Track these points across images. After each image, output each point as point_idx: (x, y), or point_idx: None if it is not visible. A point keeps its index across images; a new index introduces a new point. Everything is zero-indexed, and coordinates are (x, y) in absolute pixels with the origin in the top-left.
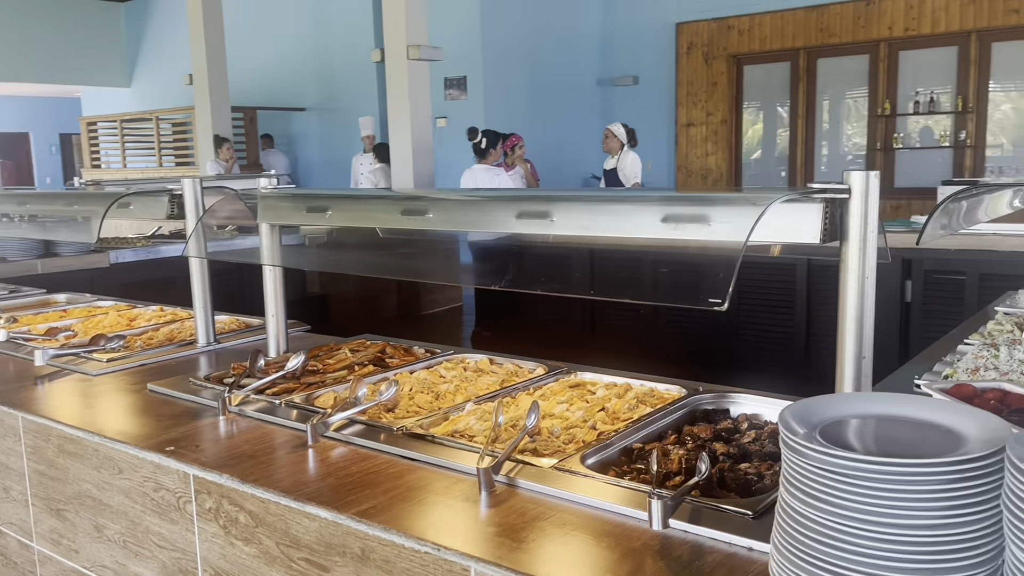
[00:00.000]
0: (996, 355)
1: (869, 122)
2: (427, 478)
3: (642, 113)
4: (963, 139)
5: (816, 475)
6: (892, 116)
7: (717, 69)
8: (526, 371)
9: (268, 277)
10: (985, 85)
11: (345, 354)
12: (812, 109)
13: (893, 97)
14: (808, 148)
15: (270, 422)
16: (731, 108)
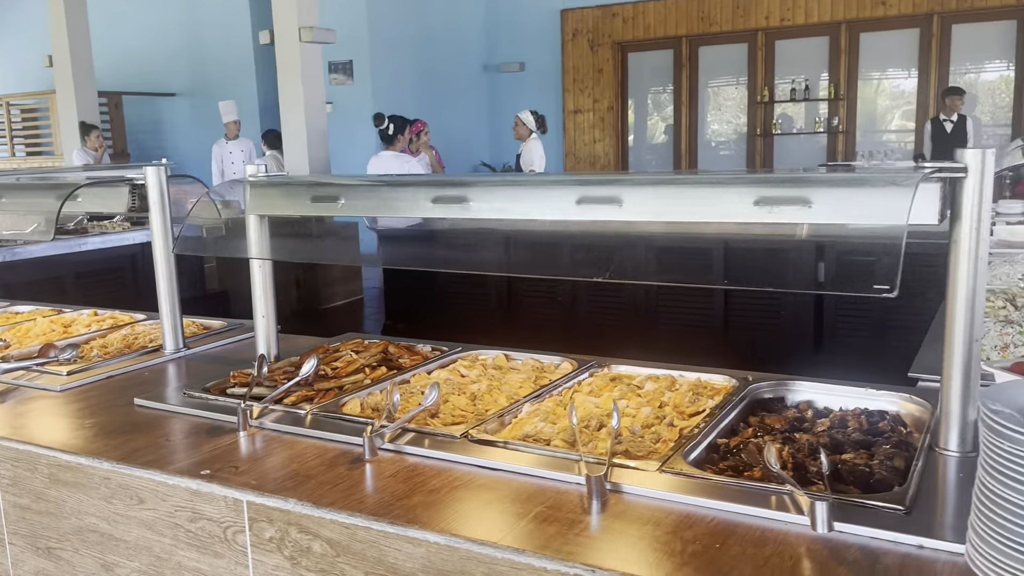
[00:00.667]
0: (1021, 331)
1: (749, 108)
2: (523, 490)
3: (530, 100)
4: (836, 125)
5: None
6: (771, 103)
7: (602, 56)
8: (552, 366)
9: (257, 274)
10: (855, 73)
11: (350, 355)
12: (695, 96)
13: (771, 85)
14: (692, 134)
15: (305, 435)
16: (617, 95)
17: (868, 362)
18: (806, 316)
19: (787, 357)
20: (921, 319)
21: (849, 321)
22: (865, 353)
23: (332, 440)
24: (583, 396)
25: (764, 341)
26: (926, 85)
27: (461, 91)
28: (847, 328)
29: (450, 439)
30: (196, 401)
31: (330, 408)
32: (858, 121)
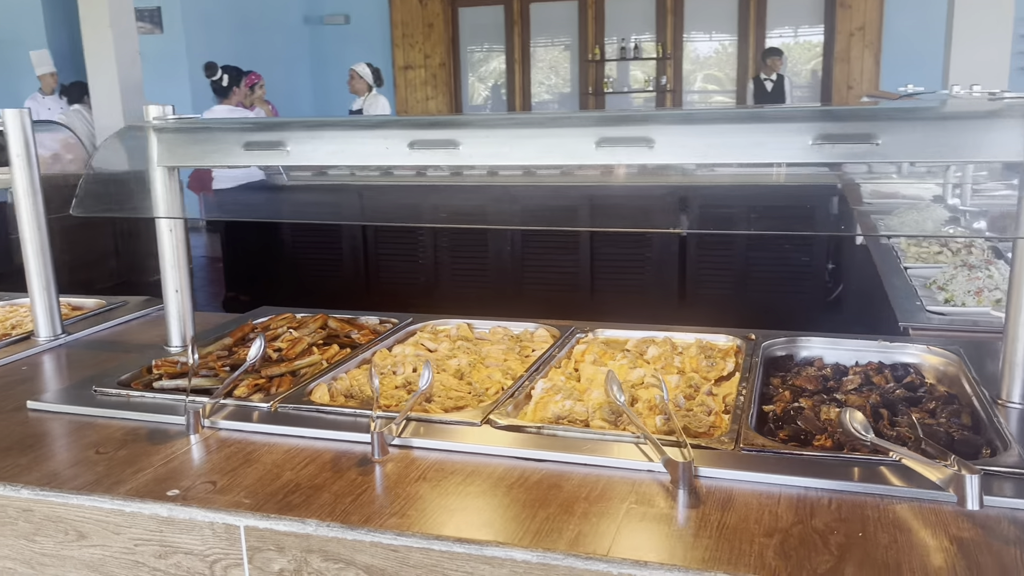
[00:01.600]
0: (990, 275)
1: (580, 67)
2: (590, 484)
3: (356, 54)
4: (664, 84)
5: None
6: (601, 61)
7: (432, 10)
8: (527, 333)
9: (166, 240)
10: (680, 33)
11: (291, 333)
12: (527, 54)
13: (602, 44)
14: (525, 92)
15: (281, 435)
16: (449, 51)
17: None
18: (670, 269)
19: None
20: (775, 270)
21: (710, 273)
22: (728, 303)
23: (319, 439)
24: (590, 366)
25: (629, 296)
26: (745, 46)
27: (282, 44)
28: (709, 280)
29: (468, 426)
30: (115, 400)
31: (295, 399)
32: (685, 80)
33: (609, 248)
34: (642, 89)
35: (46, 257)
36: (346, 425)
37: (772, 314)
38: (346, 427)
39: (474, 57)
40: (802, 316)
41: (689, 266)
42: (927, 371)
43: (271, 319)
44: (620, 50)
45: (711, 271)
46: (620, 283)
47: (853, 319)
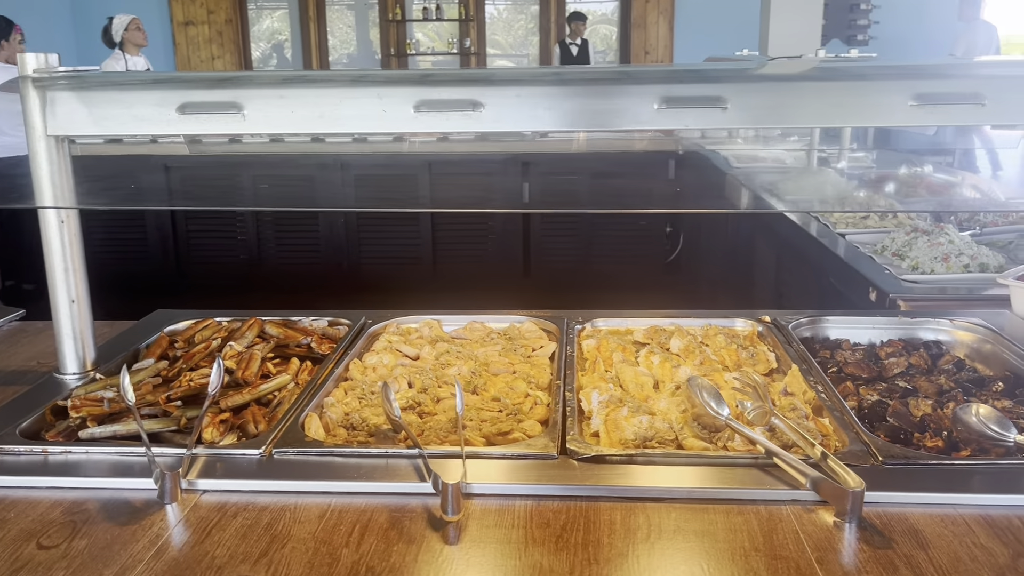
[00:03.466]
0: (951, 240)
1: (382, 28)
2: (737, 526)
3: (126, 5)
4: (468, 46)
5: None
6: (403, 22)
7: None
8: (514, 328)
9: (56, 235)
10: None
11: (230, 347)
12: (322, 11)
13: (403, 3)
14: (322, 52)
15: (299, 493)
16: (235, 6)
17: (576, 279)
18: (514, 239)
19: (498, 283)
20: (617, 235)
21: (555, 241)
22: (573, 271)
23: (352, 494)
24: (626, 367)
25: (472, 269)
26: (547, 10)
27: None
28: (553, 247)
29: (543, 460)
30: (31, 463)
31: (291, 440)
32: (489, 43)
33: (451, 220)
34: (445, 52)
35: None
36: (380, 471)
37: (616, 279)
38: (381, 474)
39: (263, 14)
40: (646, 279)
41: (533, 235)
42: (959, 348)
43: (190, 327)
44: (423, 10)
45: (555, 238)
46: (463, 255)
47: (594, 287)
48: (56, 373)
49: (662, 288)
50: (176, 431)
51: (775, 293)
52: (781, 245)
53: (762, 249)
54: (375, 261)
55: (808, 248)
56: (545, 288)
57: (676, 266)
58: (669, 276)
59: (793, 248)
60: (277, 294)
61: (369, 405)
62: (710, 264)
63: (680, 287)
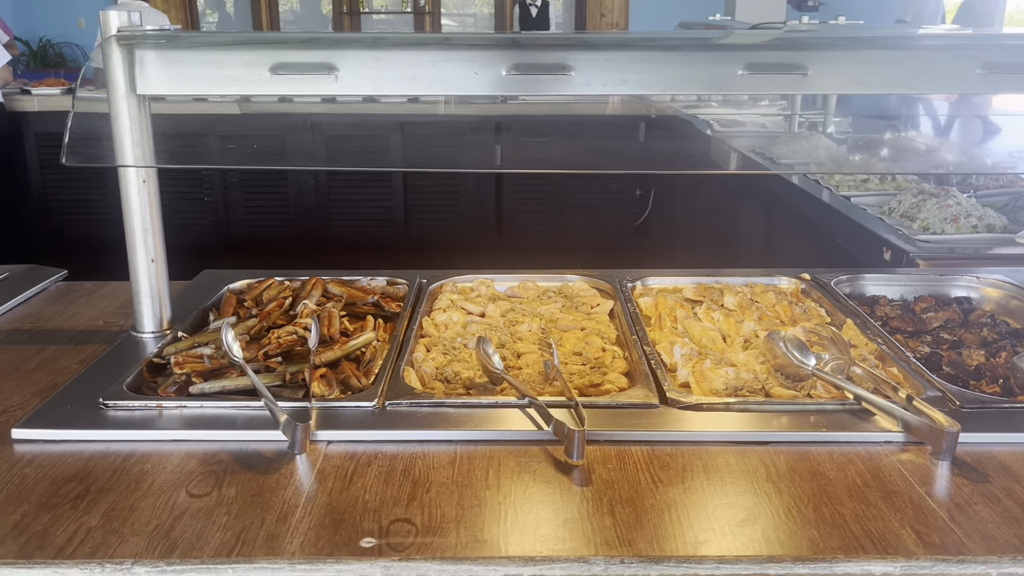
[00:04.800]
0: (959, 202)
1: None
2: (840, 464)
3: None
4: (423, 5)
5: None
6: None
7: None
8: (568, 286)
9: (136, 194)
10: None
11: (304, 306)
12: None
13: None
14: (272, 11)
15: (422, 442)
16: None
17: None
18: (487, 201)
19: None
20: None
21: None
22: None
23: (474, 442)
24: (693, 322)
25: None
26: None
27: None
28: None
29: (646, 408)
30: (147, 417)
31: (399, 392)
32: (444, 3)
33: (423, 181)
34: (399, 11)
35: None
36: (492, 420)
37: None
38: (494, 422)
39: None
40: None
41: (505, 197)
42: (985, 303)
43: (253, 287)
44: None
45: (527, 201)
46: (436, 218)
47: (568, 248)
48: (133, 332)
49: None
50: (280, 386)
51: (765, 254)
52: (775, 207)
53: (749, 211)
54: (346, 223)
55: (811, 210)
56: (518, 249)
57: (645, 229)
58: (639, 239)
59: (791, 210)
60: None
61: (456, 360)
62: (683, 227)
63: (650, 249)
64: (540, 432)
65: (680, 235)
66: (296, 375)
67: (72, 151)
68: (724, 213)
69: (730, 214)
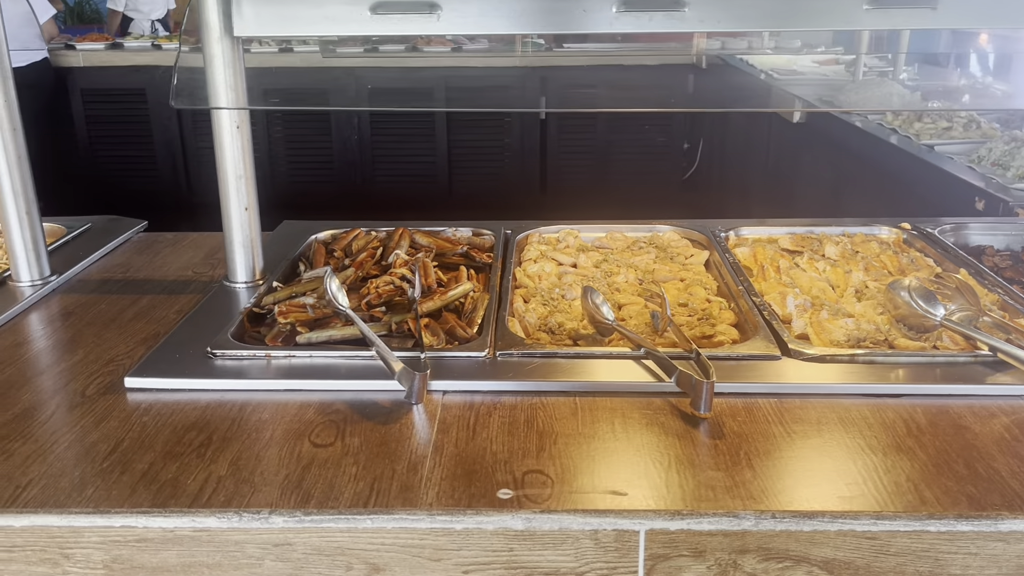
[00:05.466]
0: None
1: None
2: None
3: None
4: None
5: None
6: None
7: None
8: (658, 237)
9: (230, 140)
10: None
11: (397, 256)
12: None
13: None
14: None
15: (542, 393)
16: None
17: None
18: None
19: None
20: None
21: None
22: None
23: (589, 393)
24: (800, 272)
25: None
26: None
27: None
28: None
29: (767, 360)
30: (256, 367)
31: (509, 343)
32: None
33: (467, 135)
34: None
35: (23, 167)
36: (605, 370)
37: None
38: (607, 372)
39: None
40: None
41: (549, 152)
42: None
43: (341, 237)
44: None
45: (572, 155)
46: (479, 172)
47: (615, 202)
48: (226, 282)
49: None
50: (386, 335)
51: (831, 207)
52: (843, 158)
53: (811, 164)
54: (389, 178)
55: (888, 160)
56: (562, 205)
57: (693, 183)
58: (686, 193)
59: (863, 161)
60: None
61: (557, 310)
62: (734, 182)
63: (698, 204)
64: (660, 384)
65: (731, 190)
66: (400, 324)
67: (180, 94)
68: (782, 166)
69: (788, 167)
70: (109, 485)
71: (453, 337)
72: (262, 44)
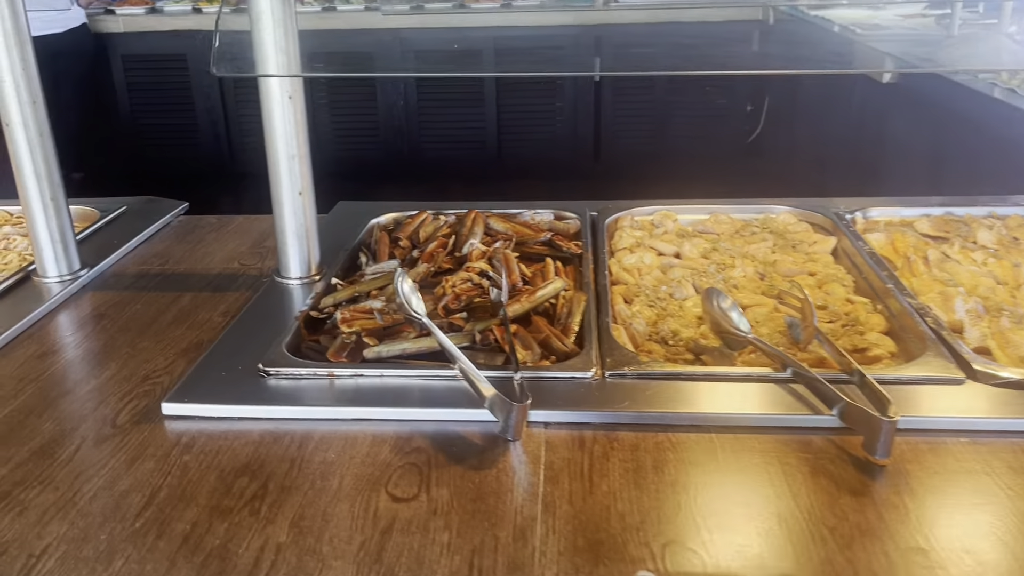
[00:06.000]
0: None
1: None
2: None
3: None
4: None
5: None
6: None
7: None
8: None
9: (279, 110)
10: None
11: (472, 246)
12: None
13: None
14: None
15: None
16: None
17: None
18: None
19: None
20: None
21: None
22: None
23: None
24: (957, 267)
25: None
26: None
27: None
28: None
29: (948, 385)
30: (317, 388)
31: (621, 360)
32: None
33: (517, 100)
34: None
35: (47, 147)
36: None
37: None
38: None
39: None
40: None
41: (604, 116)
42: None
43: (406, 223)
44: None
45: (628, 120)
46: (530, 137)
47: (668, 175)
48: (277, 277)
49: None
50: (469, 348)
51: (931, 177)
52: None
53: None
54: (436, 146)
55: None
56: (617, 174)
57: (757, 149)
58: (751, 159)
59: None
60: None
61: (666, 313)
62: (804, 146)
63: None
64: (818, 416)
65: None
66: (484, 333)
67: (222, 59)
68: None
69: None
70: (143, 555)
71: (549, 351)
72: (304, 3)
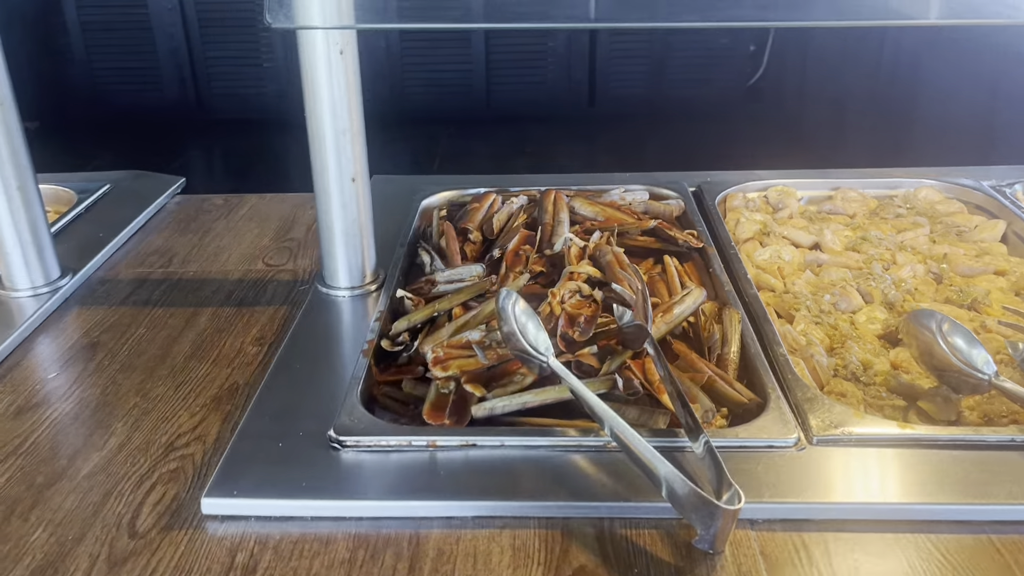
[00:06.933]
0: None
1: None
2: None
3: None
4: None
5: None
6: None
7: None
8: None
9: (323, 77)
10: None
11: (570, 239)
12: None
13: None
14: None
15: (902, 522)
16: None
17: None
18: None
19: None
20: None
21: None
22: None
23: (1004, 522)
24: None
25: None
26: None
27: None
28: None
29: None
30: (420, 460)
31: (821, 415)
32: None
33: (506, 39)
34: None
35: (10, 122)
36: (999, 469)
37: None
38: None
39: None
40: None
41: (599, 58)
42: None
43: (471, 208)
44: None
45: (624, 60)
46: (521, 81)
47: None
48: (322, 287)
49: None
50: (606, 396)
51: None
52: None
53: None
54: (421, 90)
55: None
56: (613, 119)
57: (758, 92)
58: (751, 102)
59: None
60: None
61: (842, 335)
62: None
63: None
64: None
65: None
66: (625, 374)
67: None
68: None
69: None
70: None
71: (719, 402)
72: None
